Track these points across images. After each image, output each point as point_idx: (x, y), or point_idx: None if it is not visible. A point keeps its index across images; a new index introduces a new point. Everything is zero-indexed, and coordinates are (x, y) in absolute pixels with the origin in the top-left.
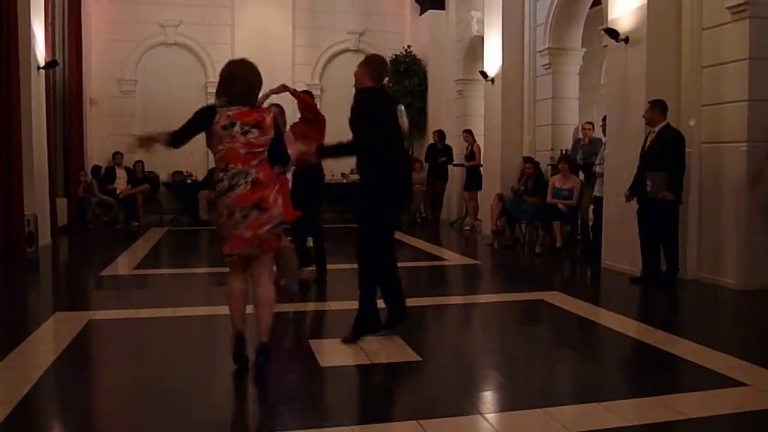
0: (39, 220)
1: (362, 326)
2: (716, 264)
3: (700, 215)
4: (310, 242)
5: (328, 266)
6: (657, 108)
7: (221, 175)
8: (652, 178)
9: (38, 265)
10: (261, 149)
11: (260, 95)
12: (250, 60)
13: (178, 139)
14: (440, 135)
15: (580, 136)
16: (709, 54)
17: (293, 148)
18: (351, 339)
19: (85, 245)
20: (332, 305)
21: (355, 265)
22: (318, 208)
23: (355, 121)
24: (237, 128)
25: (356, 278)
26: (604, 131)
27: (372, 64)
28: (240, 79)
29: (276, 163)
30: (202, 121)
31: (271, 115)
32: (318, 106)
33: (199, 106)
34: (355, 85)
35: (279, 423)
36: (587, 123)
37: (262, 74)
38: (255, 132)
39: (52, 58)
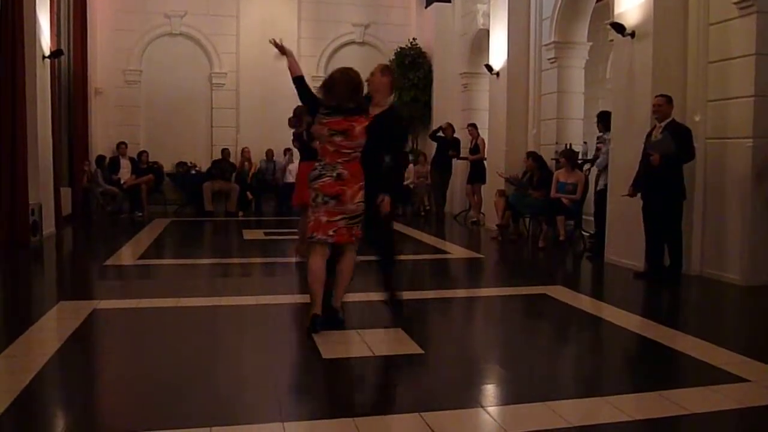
0: (43, 210)
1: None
2: (720, 260)
3: (704, 211)
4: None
5: None
6: (672, 103)
7: (317, 165)
8: (662, 142)
9: (42, 254)
10: (348, 151)
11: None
12: (350, 69)
13: (301, 80)
14: (453, 128)
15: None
16: (716, 49)
17: None
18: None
19: (89, 235)
20: None
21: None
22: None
23: (401, 133)
24: (326, 131)
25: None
26: (605, 129)
27: (392, 74)
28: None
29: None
30: (311, 102)
31: (363, 124)
32: None
33: (205, 97)
34: (376, 93)
35: (281, 414)
36: None
37: (267, 66)
38: (340, 137)
39: (58, 48)
